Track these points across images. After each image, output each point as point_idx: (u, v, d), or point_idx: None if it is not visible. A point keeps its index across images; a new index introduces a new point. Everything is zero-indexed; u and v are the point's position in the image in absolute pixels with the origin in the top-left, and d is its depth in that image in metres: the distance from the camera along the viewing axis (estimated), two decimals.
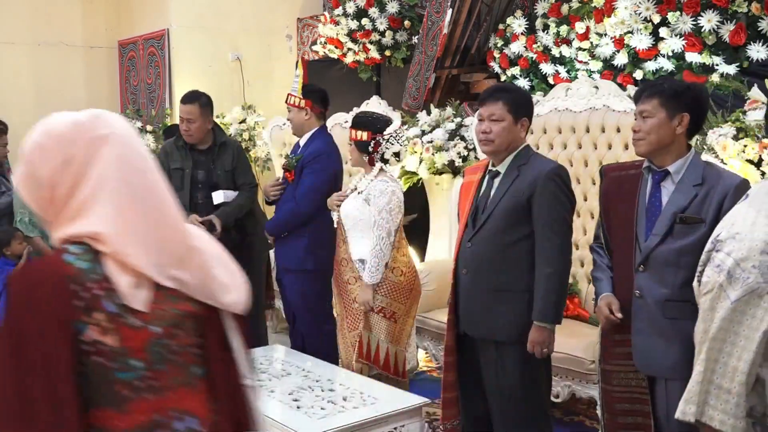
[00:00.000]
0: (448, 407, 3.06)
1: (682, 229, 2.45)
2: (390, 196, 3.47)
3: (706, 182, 2.46)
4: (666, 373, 2.49)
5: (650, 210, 2.54)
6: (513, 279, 2.81)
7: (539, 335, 2.74)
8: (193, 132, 4.16)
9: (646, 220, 2.54)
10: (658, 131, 2.50)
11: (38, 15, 7.83)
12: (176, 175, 4.14)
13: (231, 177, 4.21)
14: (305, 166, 3.89)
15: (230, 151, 4.24)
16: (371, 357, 3.51)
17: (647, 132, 2.51)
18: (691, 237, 2.42)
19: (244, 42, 7.67)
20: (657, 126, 2.50)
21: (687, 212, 2.45)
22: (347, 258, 3.60)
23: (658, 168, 2.55)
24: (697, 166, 2.51)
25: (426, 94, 5.75)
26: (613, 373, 2.64)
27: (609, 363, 2.67)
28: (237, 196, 4.19)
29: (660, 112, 2.50)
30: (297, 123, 3.99)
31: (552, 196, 2.74)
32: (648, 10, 4.24)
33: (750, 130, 3.25)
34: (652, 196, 2.55)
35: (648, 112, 2.52)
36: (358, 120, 3.64)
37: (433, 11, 5.68)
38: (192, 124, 4.13)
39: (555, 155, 4.39)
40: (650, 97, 2.52)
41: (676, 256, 2.45)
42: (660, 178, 2.55)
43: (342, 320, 3.64)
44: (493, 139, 2.80)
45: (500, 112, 2.80)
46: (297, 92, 3.94)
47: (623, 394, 2.63)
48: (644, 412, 2.57)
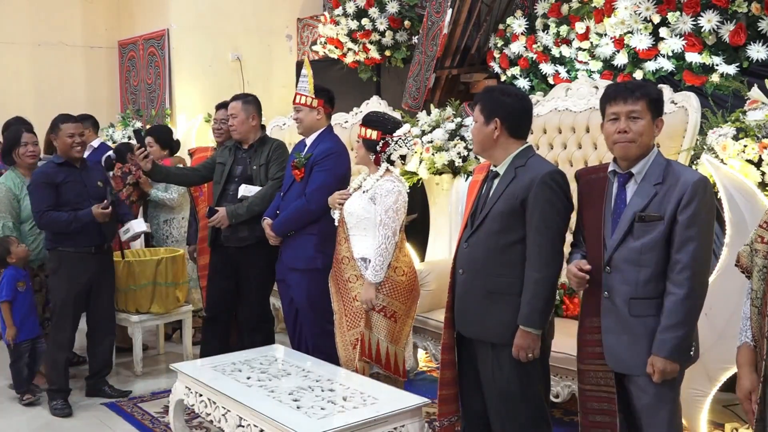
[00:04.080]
0: (444, 404, 3.08)
1: (641, 228, 2.49)
2: (397, 196, 3.48)
3: (666, 181, 2.48)
4: (635, 370, 2.53)
5: (615, 212, 2.58)
6: (507, 281, 2.80)
7: (524, 340, 2.74)
8: (236, 126, 4.32)
9: (612, 222, 2.58)
10: (648, 133, 2.52)
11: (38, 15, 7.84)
12: (219, 169, 4.41)
13: (265, 172, 4.31)
14: (315, 164, 3.90)
15: (267, 148, 4.33)
16: (372, 355, 3.52)
17: (639, 134, 2.49)
18: (651, 234, 2.46)
19: (244, 42, 7.67)
20: (647, 128, 2.51)
21: (647, 211, 2.48)
22: (349, 256, 3.60)
23: (622, 171, 2.58)
24: (659, 165, 2.53)
25: (426, 94, 5.75)
26: (586, 372, 2.69)
27: (583, 362, 2.71)
28: (260, 189, 4.22)
29: (647, 114, 2.52)
30: (308, 123, 4.00)
31: (545, 201, 2.73)
32: (648, 10, 4.24)
33: (750, 130, 3.25)
34: (617, 198, 2.59)
35: (638, 113, 2.51)
36: (369, 118, 3.64)
37: (433, 11, 5.68)
38: (235, 119, 4.32)
39: (555, 155, 4.40)
40: (640, 98, 2.50)
41: (637, 255, 2.49)
42: (624, 180, 2.58)
43: (341, 318, 3.64)
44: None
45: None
46: (309, 92, 3.95)
47: (593, 393, 2.67)
48: (611, 411, 2.62)
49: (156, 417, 4.11)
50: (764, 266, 2.22)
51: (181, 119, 7.52)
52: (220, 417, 3.13)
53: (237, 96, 4.45)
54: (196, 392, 3.33)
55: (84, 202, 4.16)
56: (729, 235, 3.21)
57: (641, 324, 2.50)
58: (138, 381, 4.73)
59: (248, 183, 4.27)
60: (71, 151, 4.20)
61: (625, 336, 2.52)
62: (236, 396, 3.07)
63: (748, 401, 2.25)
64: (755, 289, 2.25)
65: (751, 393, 2.24)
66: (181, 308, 5.04)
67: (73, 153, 4.21)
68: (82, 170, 4.27)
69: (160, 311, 4.88)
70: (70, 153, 4.20)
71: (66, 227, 4.10)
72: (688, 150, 3.60)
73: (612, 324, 2.56)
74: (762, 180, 3.19)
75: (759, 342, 2.24)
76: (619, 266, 2.53)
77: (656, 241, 2.45)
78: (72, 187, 4.17)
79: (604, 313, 2.58)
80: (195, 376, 3.37)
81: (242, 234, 4.24)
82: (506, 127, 2.82)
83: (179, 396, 3.47)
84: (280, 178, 4.19)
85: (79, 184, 4.21)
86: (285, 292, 4.07)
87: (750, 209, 3.12)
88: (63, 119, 4.27)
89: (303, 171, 3.92)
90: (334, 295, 3.69)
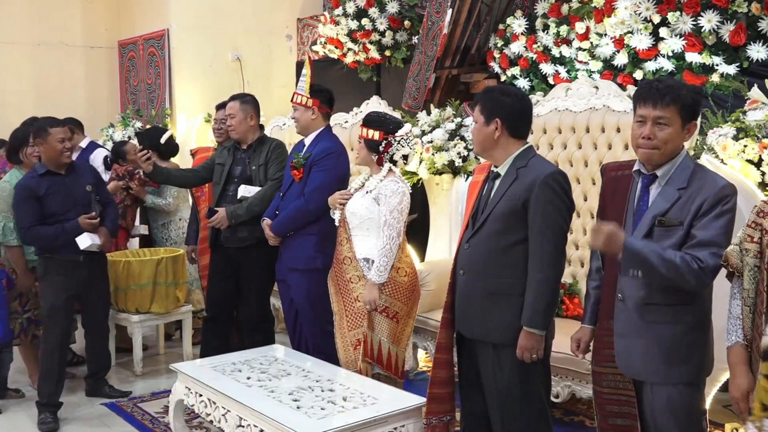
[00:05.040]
0: (434, 402, 3.07)
1: (661, 232, 2.41)
2: (402, 197, 3.49)
3: (691, 186, 2.40)
4: (647, 377, 2.49)
5: (637, 213, 2.51)
6: (508, 282, 2.79)
7: (528, 341, 2.73)
8: (234, 126, 4.31)
9: (633, 224, 2.51)
10: (675, 141, 2.39)
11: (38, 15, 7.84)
12: (218, 169, 4.40)
13: (264, 172, 4.31)
14: (314, 164, 3.89)
15: (266, 148, 4.32)
16: (374, 356, 3.52)
17: (664, 141, 2.38)
18: (670, 240, 2.39)
19: (244, 42, 7.67)
20: (675, 135, 2.38)
21: (668, 216, 2.40)
22: (350, 256, 3.60)
23: (647, 172, 2.50)
24: (686, 169, 2.43)
25: (426, 94, 5.75)
26: (603, 375, 2.64)
27: (599, 365, 2.66)
28: (260, 189, 4.22)
29: (677, 121, 2.37)
30: (303, 122, 4.00)
31: (547, 202, 2.72)
32: (648, 10, 4.24)
33: (750, 130, 3.25)
34: (640, 199, 2.52)
35: (666, 119, 2.37)
36: (371, 119, 3.63)
37: (433, 11, 5.68)
38: (233, 119, 4.30)
39: (555, 155, 4.40)
40: (670, 104, 2.36)
41: None
42: (648, 181, 2.50)
43: (341, 319, 3.63)
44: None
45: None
46: (305, 91, 3.95)
47: (611, 396, 2.62)
48: (632, 415, 2.57)
49: (156, 417, 4.11)
50: (755, 265, 2.21)
51: (181, 119, 7.52)
52: (220, 417, 3.13)
53: (235, 96, 4.44)
54: (196, 392, 3.33)
55: (70, 211, 4.02)
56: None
57: (653, 330, 2.43)
58: (138, 381, 4.74)
59: (247, 183, 4.26)
60: (61, 158, 4.01)
61: (637, 341, 2.46)
62: (236, 396, 3.06)
63: (744, 401, 2.23)
64: (747, 288, 2.24)
65: (748, 392, 2.22)
66: (181, 308, 5.04)
67: (63, 159, 4.02)
68: (67, 176, 4.08)
69: (160, 311, 4.88)
70: (59, 159, 4.01)
71: (53, 242, 3.97)
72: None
73: (624, 328, 2.50)
74: (762, 180, 3.20)
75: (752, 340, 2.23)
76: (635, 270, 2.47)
77: (675, 247, 2.36)
78: (55, 198, 3.99)
79: (618, 316, 2.53)
80: (195, 376, 3.36)
81: (242, 234, 4.23)
82: (507, 128, 2.81)
83: (179, 396, 3.47)
84: (279, 179, 4.19)
85: (63, 193, 4.03)
86: (285, 292, 4.07)
87: (750, 209, 3.10)
88: (51, 123, 4.04)
89: (302, 171, 3.92)
90: (334, 296, 3.68)
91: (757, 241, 2.22)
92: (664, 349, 2.42)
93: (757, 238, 2.22)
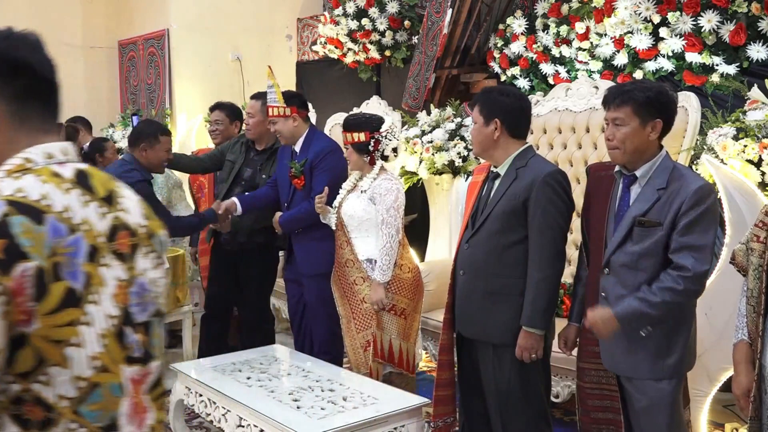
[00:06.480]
0: (440, 405, 3.08)
1: (640, 233, 2.46)
2: (396, 194, 3.49)
3: (670, 186, 2.44)
4: (629, 373, 2.53)
5: (618, 213, 2.56)
6: (508, 282, 2.80)
7: (527, 341, 2.74)
8: (251, 127, 4.25)
9: (614, 224, 2.56)
10: (633, 140, 2.46)
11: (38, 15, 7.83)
12: (227, 166, 4.33)
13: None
14: (315, 167, 3.86)
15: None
16: (385, 355, 3.52)
17: (622, 141, 2.47)
18: (650, 240, 2.43)
19: (244, 42, 7.67)
20: (631, 134, 2.46)
21: (647, 216, 2.45)
22: (353, 259, 3.59)
23: (627, 172, 2.55)
24: (665, 170, 2.48)
25: (426, 94, 5.75)
26: (587, 370, 2.70)
27: (584, 361, 2.72)
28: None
29: (633, 120, 2.46)
30: (287, 132, 3.92)
31: (547, 201, 2.72)
32: (648, 10, 4.24)
33: (750, 130, 3.25)
34: (621, 199, 2.57)
35: (621, 120, 2.47)
36: (353, 122, 3.61)
37: (433, 11, 5.68)
38: (251, 119, 4.24)
39: (555, 155, 4.39)
40: (622, 105, 2.47)
41: (635, 259, 2.47)
42: (629, 181, 2.55)
43: (349, 322, 3.61)
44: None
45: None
46: (279, 102, 3.89)
47: (594, 391, 2.69)
48: (614, 408, 2.62)
49: None
50: (759, 265, 2.22)
51: (181, 119, 7.52)
52: (220, 417, 3.13)
53: (258, 95, 4.31)
54: (196, 392, 3.33)
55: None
56: (729, 235, 3.21)
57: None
58: None
59: (253, 190, 4.19)
60: (160, 166, 4.06)
61: (620, 338, 2.50)
62: (236, 396, 3.07)
63: (746, 399, 2.24)
64: (751, 287, 2.25)
65: (750, 390, 2.23)
66: (181, 308, 5.04)
67: (161, 168, 4.09)
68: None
69: None
70: (159, 168, 4.07)
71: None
72: (688, 150, 3.60)
73: None
74: (762, 180, 3.19)
75: (755, 340, 2.24)
76: (616, 269, 2.52)
77: (654, 247, 2.43)
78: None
79: None
80: (195, 376, 3.37)
81: (241, 240, 4.22)
82: (506, 128, 2.82)
83: (179, 396, 3.47)
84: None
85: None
86: (295, 291, 4.04)
87: (750, 209, 3.12)
88: (163, 131, 4.05)
89: (303, 179, 3.88)
90: (339, 300, 3.66)
91: (762, 240, 2.22)
92: (645, 346, 2.47)
93: (763, 237, 2.23)
